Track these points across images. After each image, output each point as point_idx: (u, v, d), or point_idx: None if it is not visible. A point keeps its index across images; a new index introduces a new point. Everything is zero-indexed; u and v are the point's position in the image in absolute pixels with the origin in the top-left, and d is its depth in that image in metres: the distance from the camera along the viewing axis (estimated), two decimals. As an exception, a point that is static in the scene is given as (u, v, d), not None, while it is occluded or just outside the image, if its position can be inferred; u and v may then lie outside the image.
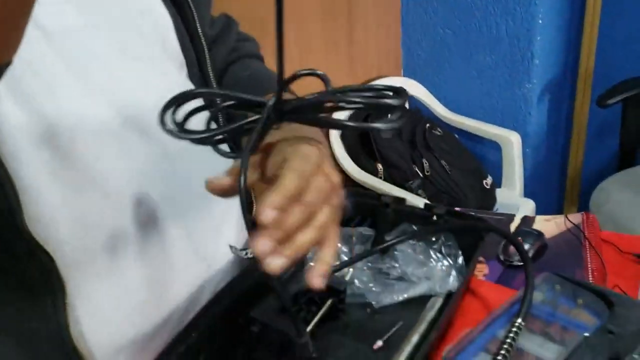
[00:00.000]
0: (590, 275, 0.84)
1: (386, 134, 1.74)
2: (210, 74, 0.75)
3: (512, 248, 0.92)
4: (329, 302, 0.65)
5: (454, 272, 0.68)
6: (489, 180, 1.81)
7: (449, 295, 0.67)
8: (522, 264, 0.88)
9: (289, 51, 1.50)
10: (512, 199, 1.88)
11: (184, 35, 0.72)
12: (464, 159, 1.82)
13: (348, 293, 0.68)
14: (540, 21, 1.77)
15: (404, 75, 2.10)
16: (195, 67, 0.74)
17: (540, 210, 1.87)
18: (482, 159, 1.98)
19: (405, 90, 0.46)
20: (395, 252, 0.70)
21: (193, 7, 0.72)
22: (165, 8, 0.70)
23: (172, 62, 0.70)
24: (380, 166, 1.75)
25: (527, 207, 1.83)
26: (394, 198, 0.75)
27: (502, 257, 0.90)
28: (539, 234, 0.95)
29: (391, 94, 0.45)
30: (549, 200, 2.17)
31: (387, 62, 2.05)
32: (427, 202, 1.63)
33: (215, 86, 0.76)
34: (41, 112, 0.54)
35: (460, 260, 0.70)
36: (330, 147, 1.80)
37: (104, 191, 0.57)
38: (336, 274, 0.69)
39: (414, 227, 0.71)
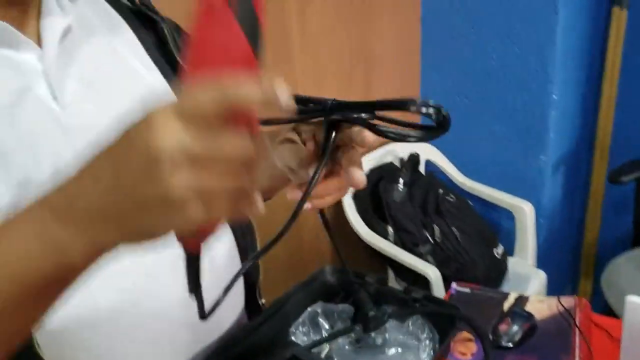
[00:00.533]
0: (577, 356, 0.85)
1: (398, 197, 1.77)
2: None
3: (502, 328, 0.94)
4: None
5: (427, 353, 0.71)
6: (499, 250, 1.82)
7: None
8: (511, 345, 0.91)
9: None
10: (524, 268, 1.89)
11: None
12: (475, 227, 1.84)
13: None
14: (554, 96, 1.80)
15: (422, 139, 2.14)
16: None
17: (552, 282, 1.86)
18: (495, 227, 1.99)
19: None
20: (373, 332, 0.73)
21: None
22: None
23: None
24: (390, 229, 1.78)
25: (539, 278, 1.83)
26: (377, 279, 0.78)
27: (491, 337, 0.92)
28: (529, 316, 0.97)
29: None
30: (562, 272, 2.16)
31: (405, 126, 2.09)
32: (435, 268, 1.65)
33: None
34: None
35: (435, 341, 0.72)
36: (342, 207, 1.84)
37: None
38: (313, 349, 0.72)
39: (392, 308, 0.74)
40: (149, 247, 0.42)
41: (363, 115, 0.50)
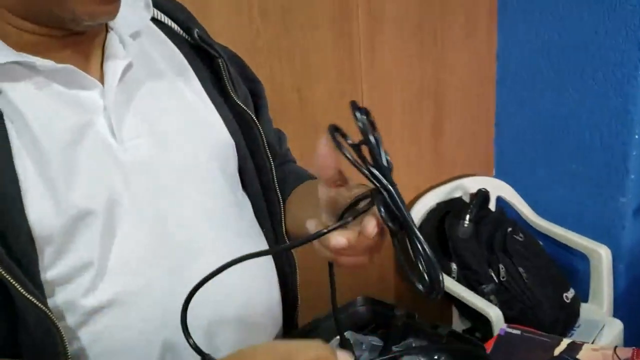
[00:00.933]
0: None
1: (463, 233, 1.74)
2: (276, 185, 0.85)
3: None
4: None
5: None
6: (569, 294, 1.74)
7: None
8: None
9: None
10: (598, 316, 1.78)
11: (247, 158, 0.82)
12: (545, 268, 1.76)
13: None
14: (637, 136, 1.72)
15: (495, 176, 2.10)
16: (256, 181, 0.84)
17: (629, 333, 1.75)
18: (568, 271, 1.90)
19: None
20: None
21: (262, 130, 0.83)
22: (230, 135, 0.80)
23: (229, 183, 0.80)
24: (454, 266, 1.74)
25: (614, 327, 1.73)
26: (406, 312, 0.78)
27: (535, 382, 0.89)
28: (577, 363, 0.92)
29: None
30: (642, 322, 2.02)
31: (476, 160, 2.06)
32: (498, 309, 1.60)
33: (279, 195, 0.86)
34: None
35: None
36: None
37: None
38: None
39: (418, 343, 0.74)
40: None
41: None
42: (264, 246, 0.84)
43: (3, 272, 0.59)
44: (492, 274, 1.71)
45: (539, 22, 1.84)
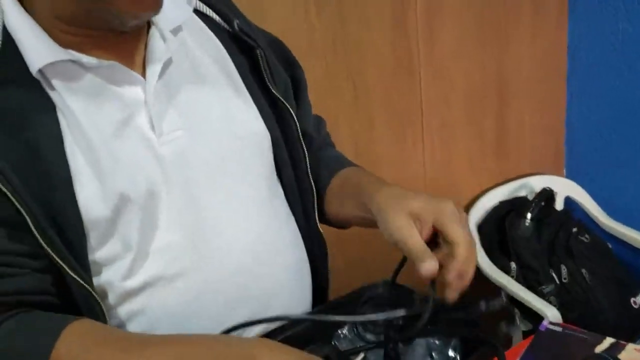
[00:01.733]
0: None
1: (524, 232, 1.69)
2: (309, 174, 0.88)
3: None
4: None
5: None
6: (638, 299, 1.65)
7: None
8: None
9: (429, 137, 1.61)
10: (672, 325, 1.68)
11: (282, 148, 0.85)
12: (611, 271, 1.68)
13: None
14: None
15: (566, 176, 2.02)
16: (290, 170, 0.87)
17: None
18: (639, 275, 1.80)
19: None
20: (411, 346, 0.73)
21: (297, 120, 0.86)
22: (266, 126, 0.83)
23: (263, 174, 0.83)
24: (513, 265, 1.70)
25: (688, 337, 1.62)
26: (424, 297, 0.78)
27: (569, 379, 0.86)
28: (615, 361, 0.88)
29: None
30: None
31: (545, 159, 1.99)
32: (556, 310, 1.55)
33: (312, 184, 0.89)
34: None
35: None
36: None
37: None
38: (351, 355, 0.73)
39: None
40: None
41: None
42: (296, 234, 0.86)
43: (54, 255, 0.64)
44: (553, 275, 1.65)
45: (613, 14, 1.76)
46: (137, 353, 0.60)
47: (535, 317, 1.65)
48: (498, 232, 1.76)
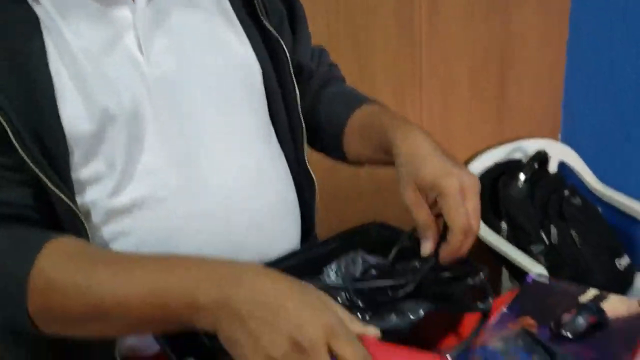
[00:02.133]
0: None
1: (516, 193, 1.71)
2: (299, 111, 0.88)
3: (565, 317, 0.90)
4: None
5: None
6: (623, 261, 1.68)
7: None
8: (571, 336, 0.87)
9: (428, 98, 1.62)
10: (656, 288, 1.72)
11: (272, 81, 0.85)
12: (600, 234, 1.71)
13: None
14: None
15: (561, 140, 2.04)
16: (281, 105, 0.87)
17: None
18: (628, 240, 1.84)
19: None
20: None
21: (287, 51, 0.85)
22: (257, 58, 0.83)
23: (251, 104, 0.83)
24: (504, 225, 1.73)
25: (671, 300, 1.66)
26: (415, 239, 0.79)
27: (552, 325, 0.89)
28: (599, 311, 0.91)
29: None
30: None
31: (542, 123, 2.00)
32: (544, 270, 1.58)
33: (302, 122, 0.88)
34: None
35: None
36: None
37: None
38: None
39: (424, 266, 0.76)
40: None
41: None
42: (287, 173, 0.87)
43: (36, 169, 0.65)
44: (544, 236, 1.68)
45: (616, -18, 1.76)
46: (127, 272, 0.60)
47: (524, 278, 1.68)
48: (491, 192, 1.79)
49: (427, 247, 0.68)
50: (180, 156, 0.74)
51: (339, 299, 0.72)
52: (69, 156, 0.68)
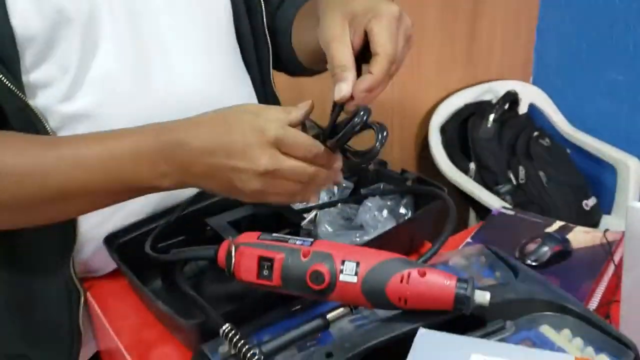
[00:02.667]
0: (600, 290, 0.80)
1: (485, 133, 1.70)
2: (265, 30, 0.84)
3: (529, 247, 0.89)
4: (283, 232, 0.71)
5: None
6: (590, 202, 1.70)
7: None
8: (535, 264, 0.86)
9: None
10: (620, 228, 1.74)
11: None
12: (567, 175, 1.72)
13: (308, 231, 0.72)
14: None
15: (533, 83, 2.02)
16: (246, 24, 0.83)
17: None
18: (595, 182, 1.85)
19: None
20: (362, 206, 0.73)
21: None
22: None
23: (214, 17, 0.79)
24: (472, 166, 1.72)
25: (634, 241, 1.69)
26: (378, 160, 0.78)
27: (517, 254, 0.88)
28: (563, 240, 0.91)
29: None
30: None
31: (513, 66, 1.98)
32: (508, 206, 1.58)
33: (269, 42, 0.84)
34: None
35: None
36: (427, 140, 1.80)
37: None
38: (304, 214, 0.74)
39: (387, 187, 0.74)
40: None
41: None
42: (249, 88, 0.84)
43: None
44: (511, 176, 1.68)
45: None
46: (79, 150, 0.60)
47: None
48: (460, 133, 1.77)
49: (343, 89, 0.56)
50: (135, 62, 0.71)
51: None
52: (19, 57, 0.65)
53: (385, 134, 0.55)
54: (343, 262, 0.50)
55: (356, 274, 0.50)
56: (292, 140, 0.55)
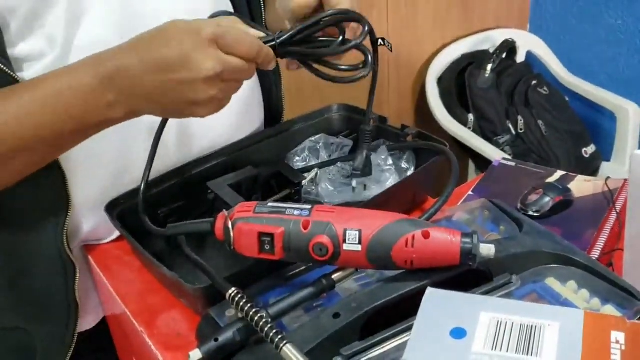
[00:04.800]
0: (602, 239, 0.80)
1: (483, 83, 1.68)
2: None
3: (531, 197, 0.89)
4: (285, 192, 0.70)
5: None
6: (589, 149, 1.69)
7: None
8: (537, 215, 0.86)
9: None
10: (619, 175, 1.73)
11: None
12: (567, 123, 1.71)
13: (309, 190, 0.72)
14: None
15: (530, 31, 1.99)
16: None
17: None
18: (594, 129, 1.84)
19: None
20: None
21: None
22: None
23: None
24: (471, 117, 1.70)
25: (633, 186, 1.69)
26: (378, 117, 0.77)
27: (519, 205, 0.87)
28: (565, 190, 0.90)
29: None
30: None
31: (510, 13, 1.95)
32: (507, 157, 1.57)
33: None
34: None
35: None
36: (424, 91, 1.78)
37: None
38: (305, 174, 0.73)
39: (388, 143, 0.73)
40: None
41: None
42: None
43: None
44: (510, 126, 1.67)
45: None
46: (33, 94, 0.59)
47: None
48: (458, 84, 1.75)
49: None
50: (125, 28, 0.68)
51: None
52: (1, 30, 0.63)
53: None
54: (345, 231, 0.50)
55: (360, 242, 0.49)
56: (232, 36, 0.54)
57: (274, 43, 0.57)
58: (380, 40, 0.61)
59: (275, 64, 0.59)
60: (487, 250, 0.48)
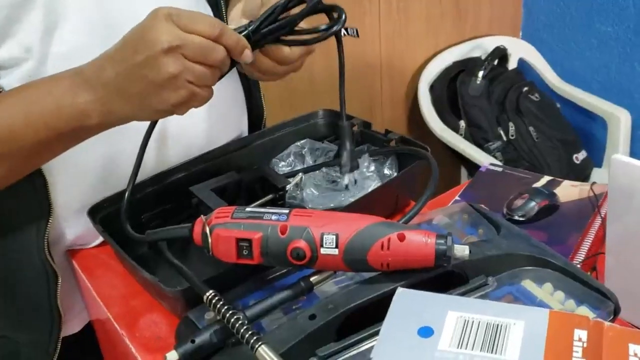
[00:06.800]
0: (587, 243, 0.80)
1: (474, 90, 1.69)
2: None
3: (517, 202, 0.89)
4: (269, 196, 0.70)
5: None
6: (580, 156, 1.70)
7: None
8: (523, 219, 0.86)
9: None
10: (610, 182, 1.75)
11: None
12: (558, 130, 1.71)
13: (294, 195, 0.72)
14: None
15: (522, 38, 2.00)
16: None
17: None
18: (586, 136, 1.85)
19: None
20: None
21: None
22: None
23: None
24: (462, 124, 1.71)
25: (625, 193, 1.69)
26: (362, 122, 0.77)
27: (505, 210, 0.88)
28: (550, 195, 0.91)
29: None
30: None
31: (502, 21, 1.96)
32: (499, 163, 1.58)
33: None
34: None
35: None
36: (417, 98, 1.79)
37: None
38: (289, 179, 0.73)
39: (371, 148, 0.74)
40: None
41: None
42: None
43: None
44: (501, 132, 1.67)
45: None
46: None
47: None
48: (449, 91, 1.76)
49: None
50: (104, 32, 0.68)
51: None
52: None
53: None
54: (322, 235, 0.50)
55: (337, 246, 0.50)
56: (189, 13, 0.54)
57: (246, 32, 0.58)
58: (343, 31, 0.61)
59: (253, 57, 0.58)
60: (462, 251, 0.48)
